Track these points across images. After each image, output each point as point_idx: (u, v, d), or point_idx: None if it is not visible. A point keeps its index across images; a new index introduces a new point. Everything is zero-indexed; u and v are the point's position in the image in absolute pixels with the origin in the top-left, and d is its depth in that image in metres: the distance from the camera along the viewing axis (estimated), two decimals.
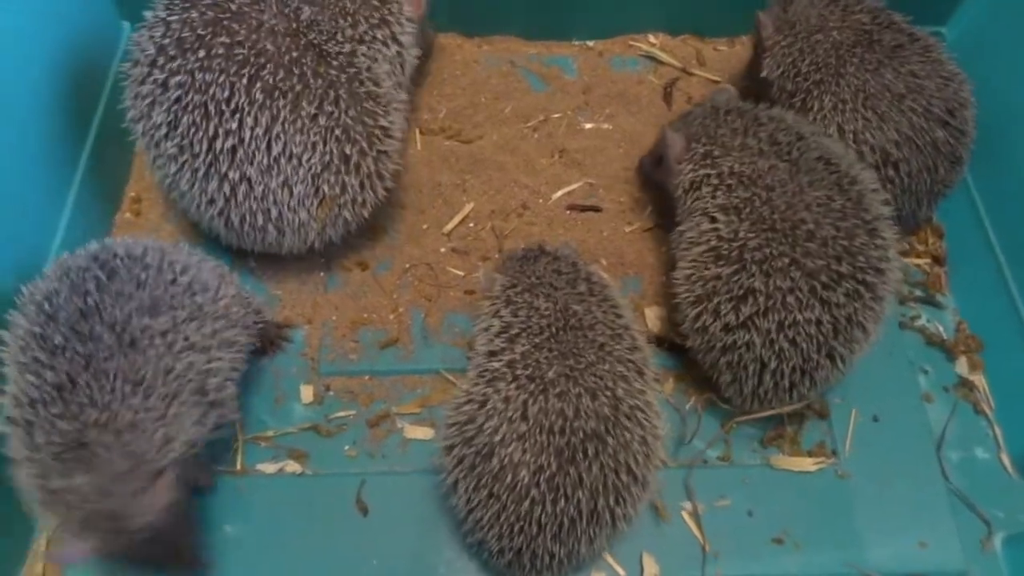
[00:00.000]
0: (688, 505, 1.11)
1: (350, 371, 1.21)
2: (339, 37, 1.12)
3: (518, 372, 0.97)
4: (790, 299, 1.02)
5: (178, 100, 1.06)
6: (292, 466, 1.13)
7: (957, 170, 1.25)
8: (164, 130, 1.08)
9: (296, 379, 1.20)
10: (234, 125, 1.05)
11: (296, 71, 1.06)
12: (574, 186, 1.41)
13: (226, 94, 1.04)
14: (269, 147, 1.07)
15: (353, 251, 1.32)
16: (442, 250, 1.33)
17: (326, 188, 1.12)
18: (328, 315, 1.26)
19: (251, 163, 1.07)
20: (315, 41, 1.09)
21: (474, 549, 1.04)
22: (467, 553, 1.06)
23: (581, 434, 0.92)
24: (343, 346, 1.23)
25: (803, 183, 1.07)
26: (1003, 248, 1.29)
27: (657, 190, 1.33)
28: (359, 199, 1.17)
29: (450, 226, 1.35)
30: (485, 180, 1.41)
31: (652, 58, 1.59)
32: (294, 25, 1.08)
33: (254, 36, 1.06)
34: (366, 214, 1.20)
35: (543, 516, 0.92)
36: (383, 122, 1.15)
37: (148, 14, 1.10)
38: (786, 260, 1.03)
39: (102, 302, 0.88)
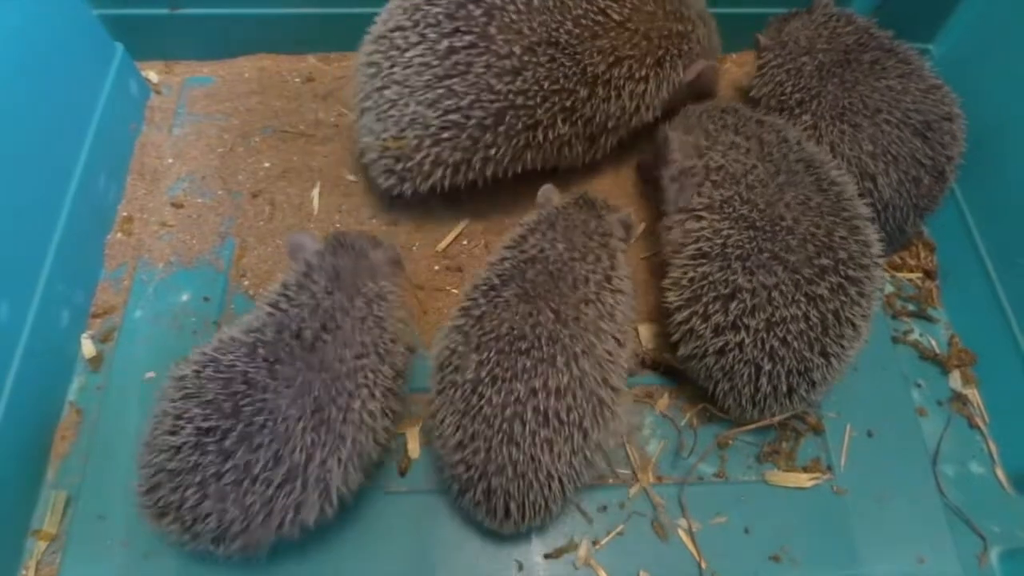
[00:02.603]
0: (683, 523, 1.11)
1: None
2: None
3: (478, 293, 1.04)
4: (775, 295, 1.04)
5: None
6: None
7: (941, 184, 1.26)
8: None
9: None
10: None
11: None
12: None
13: None
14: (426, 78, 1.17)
15: None
16: (436, 267, 1.33)
17: (412, 135, 1.19)
18: None
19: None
20: None
21: (456, 497, 1.04)
22: (462, 574, 1.06)
23: (519, 333, 0.99)
24: None
25: (781, 183, 1.09)
26: (994, 262, 1.30)
27: (653, 191, 1.34)
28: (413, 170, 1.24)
29: (444, 244, 1.35)
30: (477, 197, 1.41)
31: None
32: None
33: None
34: (406, 189, 1.27)
35: (489, 410, 0.96)
36: None
37: None
38: (766, 255, 1.05)
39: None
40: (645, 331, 1.27)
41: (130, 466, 1.11)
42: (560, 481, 0.98)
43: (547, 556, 1.07)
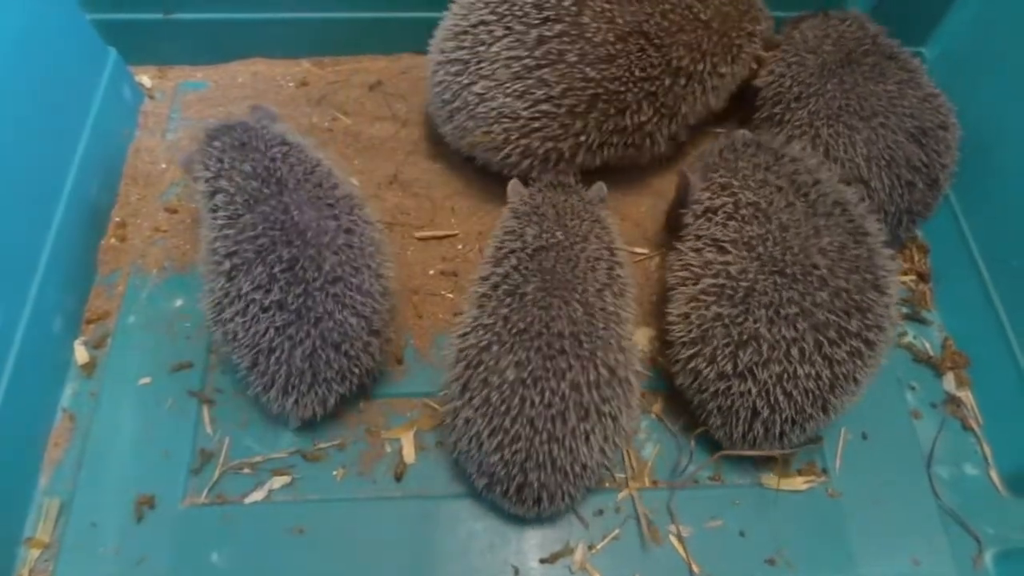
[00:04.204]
0: (678, 528, 1.10)
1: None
2: None
3: (499, 291, 1.04)
4: (793, 351, 1.00)
5: None
6: (279, 481, 1.12)
7: (935, 191, 1.26)
8: None
9: None
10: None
11: None
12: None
13: None
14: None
15: None
16: (431, 272, 1.33)
17: (500, 129, 1.23)
18: None
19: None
20: None
21: (481, 489, 1.05)
22: None
23: (555, 331, 0.99)
24: None
25: (819, 225, 1.05)
26: (987, 264, 1.31)
27: (675, 225, 1.29)
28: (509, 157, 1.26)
29: (423, 233, 1.36)
30: (474, 201, 1.41)
31: None
32: None
33: None
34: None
35: (532, 411, 0.96)
36: None
37: None
38: (795, 309, 1.00)
39: None
40: (642, 335, 1.27)
41: (123, 473, 1.11)
42: (592, 470, 1.01)
43: (543, 560, 1.07)
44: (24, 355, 1.10)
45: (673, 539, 1.10)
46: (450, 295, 1.30)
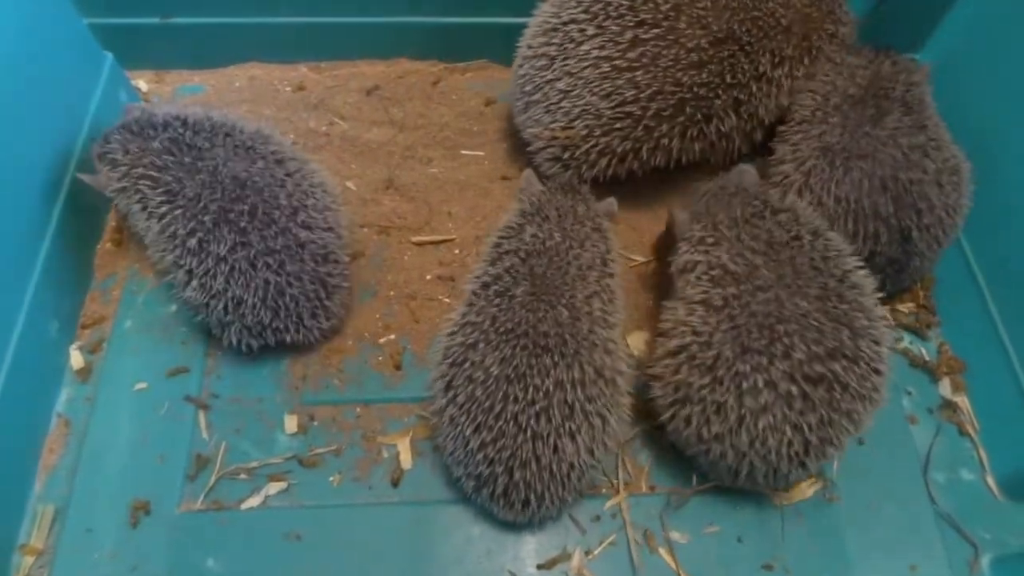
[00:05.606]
0: (675, 535, 1.10)
1: (335, 400, 1.20)
2: None
3: (490, 291, 1.05)
4: (762, 421, 0.99)
5: None
6: (276, 487, 1.12)
7: (906, 246, 1.21)
8: None
9: (280, 409, 1.18)
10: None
11: None
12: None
13: None
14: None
15: None
16: (428, 277, 1.32)
17: (582, 126, 1.23)
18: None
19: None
20: None
21: (471, 492, 1.05)
22: None
23: (541, 331, 1.00)
24: (328, 374, 1.22)
25: (793, 289, 1.01)
26: (983, 269, 1.31)
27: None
28: (587, 160, 1.27)
29: (420, 238, 1.36)
30: (471, 206, 1.41)
31: None
32: None
33: None
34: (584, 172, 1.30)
35: (515, 407, 0.96)
36: None
37: None
38: (761, 380, 0.98)
39: None
40: (636, 339, 1.27)
41: (119, 478, 1.11)
42: (580, 470, 1.01)
43: (540, 567, 1.07)
44: (19, 360, 1.09)
45: (662, 550, 1.09)
46: (447, 300, 1.30)
